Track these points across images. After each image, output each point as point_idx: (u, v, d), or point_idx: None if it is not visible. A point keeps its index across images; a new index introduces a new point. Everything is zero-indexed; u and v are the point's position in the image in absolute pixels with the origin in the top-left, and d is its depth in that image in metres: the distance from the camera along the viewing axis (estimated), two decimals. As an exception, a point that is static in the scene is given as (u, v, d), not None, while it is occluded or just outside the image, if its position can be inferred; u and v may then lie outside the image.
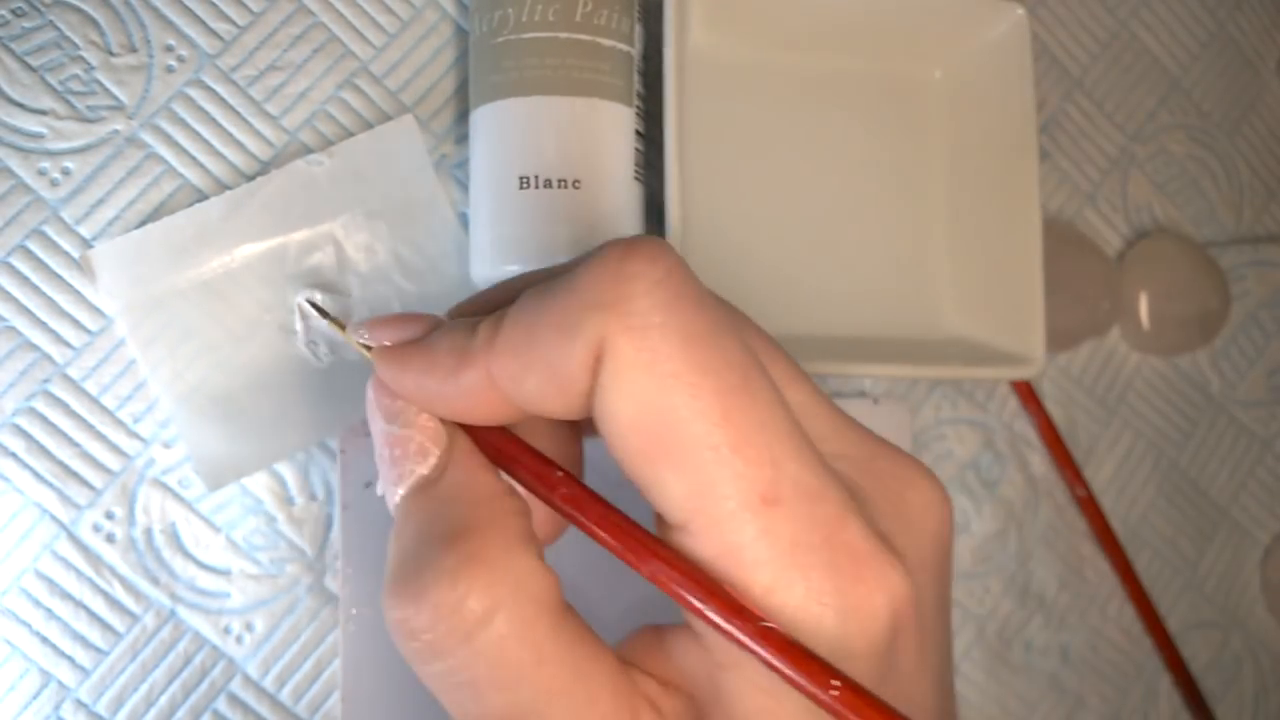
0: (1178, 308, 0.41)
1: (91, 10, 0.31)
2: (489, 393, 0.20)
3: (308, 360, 0.31)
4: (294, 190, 0.31)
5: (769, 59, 0.35)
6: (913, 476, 0.21)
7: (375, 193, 0.32)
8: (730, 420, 0.18)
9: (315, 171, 0.31)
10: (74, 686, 0.29)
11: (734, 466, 0.18)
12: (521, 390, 0.19)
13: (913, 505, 0.21)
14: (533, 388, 0.19)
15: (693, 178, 0.34)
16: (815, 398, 0.22)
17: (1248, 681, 0.42)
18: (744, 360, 0.18)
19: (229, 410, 0.30)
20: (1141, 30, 0.43)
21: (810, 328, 0.35)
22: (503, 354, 0.19)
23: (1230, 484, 0.43)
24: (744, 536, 0.18)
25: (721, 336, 0.18)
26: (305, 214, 0.31)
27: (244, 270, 0.31)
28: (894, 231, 0.37)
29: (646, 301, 0.18)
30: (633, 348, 0.18)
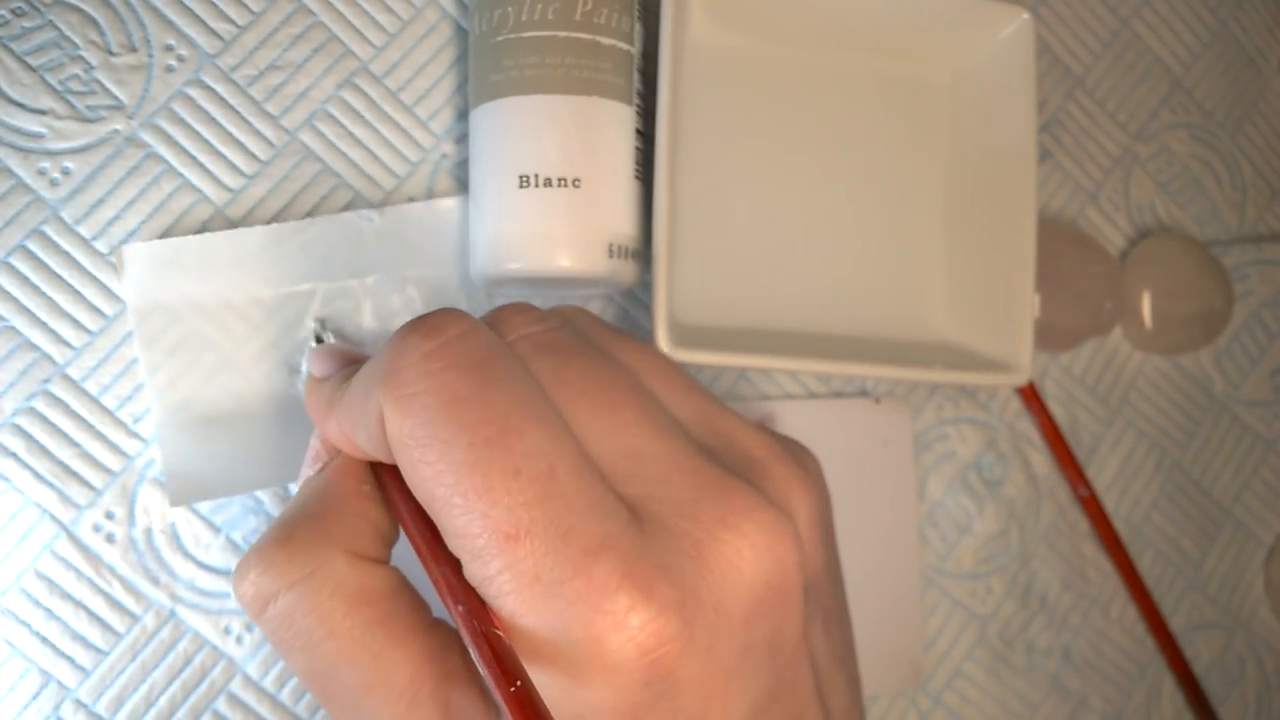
0: (1180, 307, 0.40)
1: (91, 10, 0.31)
2: (343, 437, 0.24)
3: (302, 401, 0.31)
4: (338, 239, 0.32)
5: (769, 57, 0.35)
6: (735, 521, 0.22)
7: (415, 261, 0.32)
8: (477, 469, 0.20)
9: (364, 226, 0.32)
10: (74, 686, 0.29)
11: (480, 510, 0.20)
12: (359, 442, 0.23)
13: (724, 550, 0.21)
14: (363, 443, 0.23)
15: (688, 175, 0.34)
16: (654, 442, 0.23)
17: (1251, 682, 0.42)
18: (507, 414, 0.21)
19: (213, 432, 0.30)
20: (1143, 29, 0.43)
21: (801, 325, 0.35)
22: (344, 411, 0.23)
23: (1234, 484, 0.42)
24: (491, 569, 0.20)
25: (490, 394, 0.21)
26: (343, 264, 0.32)
27: (270, 303, 0.31)
28: (889, 233, 0.37)
29: (411, 373, 0.21)
30: (397, 416, 0.21)
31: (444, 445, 0.20)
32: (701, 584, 0.21)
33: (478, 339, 0.22)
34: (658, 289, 0.30)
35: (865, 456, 0.37)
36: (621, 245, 0.31)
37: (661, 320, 0.30)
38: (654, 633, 0.20)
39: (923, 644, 0.37)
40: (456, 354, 0.21)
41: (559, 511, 0.20)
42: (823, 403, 0.37)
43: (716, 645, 0.21)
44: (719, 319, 0.34)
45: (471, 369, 0.21)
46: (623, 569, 0.20)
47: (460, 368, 0.21)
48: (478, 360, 0.21)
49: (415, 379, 0.21)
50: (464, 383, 0.21)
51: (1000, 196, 0.35)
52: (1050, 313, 0.38)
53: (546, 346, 0.24)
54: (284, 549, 0.22)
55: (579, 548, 0.20)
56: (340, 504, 0.24)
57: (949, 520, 0.38)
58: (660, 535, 0.21)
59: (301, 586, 0.22)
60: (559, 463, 0.21)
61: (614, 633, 0.20)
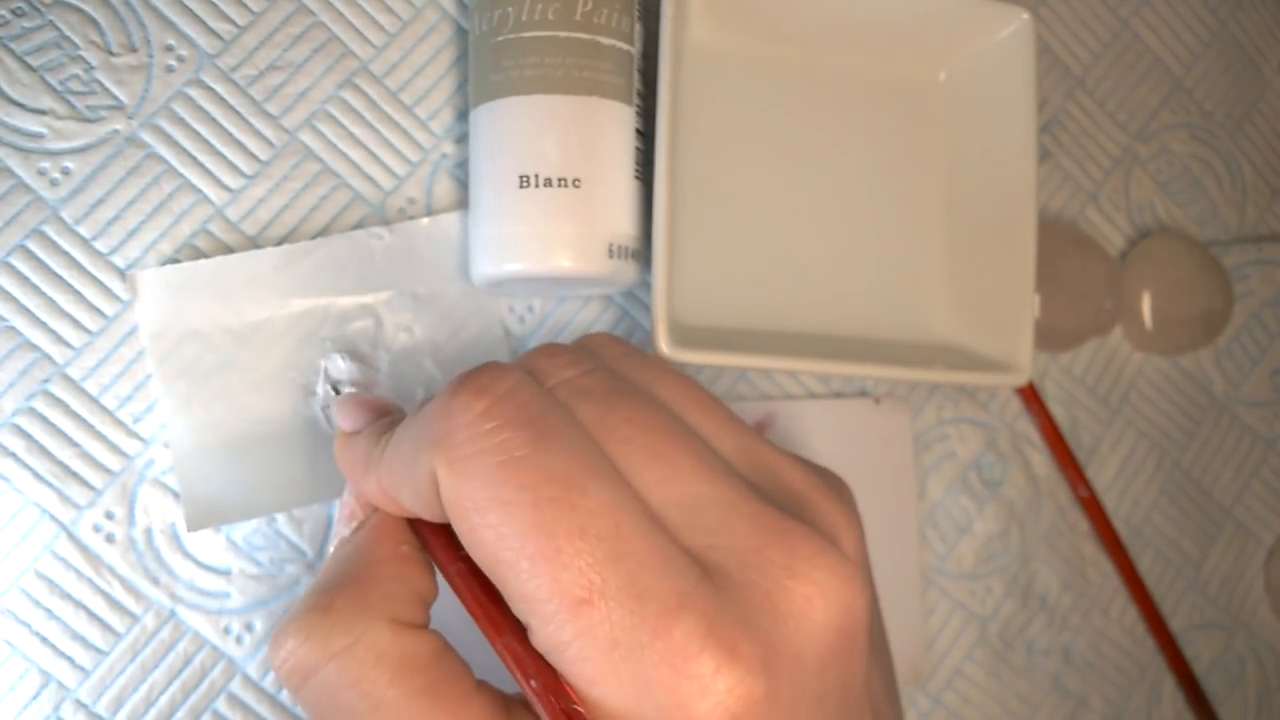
0: (1181, 307, 0.40)
1: (91, 10, 0.31)
2: (383, 495, 0.23)
3: (318, 424, 0.31)
4: (349, 258, 0.32)
5: (769, 57, 0.35)
6: (803, 569, 0.21)
7: (426, 277, 0.32)
8: (544, 531, 0.19)
9: (373, 244, 0.32)
10: (74, 686, 0.29)
11: (549, 574, 0.19)
12: (402, 501, 0.23)
13: (795, 599, 0.21)
14: (407, 502, 0.22)
15: (688, 175, 0.34)
16: (709, 489, 0.22)
17: (1251, 683, 0.42)
18: (568, 472, 0.20)
19: (230, 456, 0.30)
20: (1143, 29, 0.43)
21: (801, 325, 0.35)
22: (386, 470, 0.23)
23: (1234, 484, 0.42)
24: (564, 635, 0.19)
25: (547, 453, 0.20)
26: (355, 283, 0.32)
27: (282, 324, 0.31)
28: (889, 233, 0.37)
29: (464, 434, 0.20)
30: (453, 480, 0.20)
31: (505, 507, 0.20)
32: (778, 637, 0.20)
33: (526, 394, 0.21)
34: (657, 289, 0.30)
35: (865, 457, 0.37)
36: (621, 245, 0.31)
37: (661, 320, 0.30)
38: (742, 695, 0.19)
39: (923, 644, 0.37)
40: (509, 412, 0.21)
41: (631, 571, 0.20)
42: (823, 403, 0.37)
43: (797, 700, 0.20)
44: (719, 319, 0.34)
45: (525, 426, 0.20)
46: (704, 629, 0.19)
47: (514, 425, 0.20)
48: (530, 417, 0.21)
49: (469, 440, 0.20)
50: (519, 441, 0.20)
51: (1000, 197, 0.35)
52: (1050, 313, 0.38)
53: (587, 393, 0.23)
54: (324, 618, 0.21)
55: (656, 609, 0.19)
56: (379, 568, 0.23)
57: (949, 520, 0.38)
58: (731, 589, 0.20)
59: (344, 658, 0.21)
60: (624, 519, 0.20)
61: (700, 698, 0.19)
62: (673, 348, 0.30)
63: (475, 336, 0.33)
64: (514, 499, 0.20)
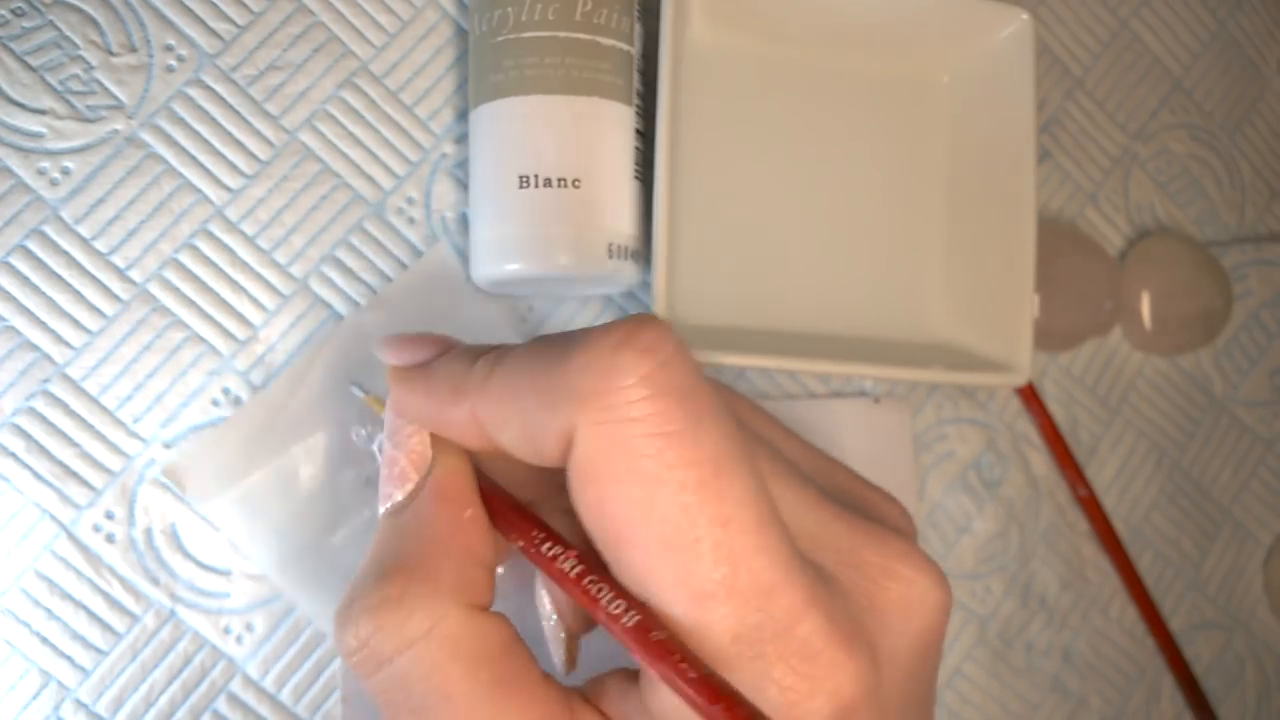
0: (1180, 307, 0.40)
1: (91, 10, 0.31)
2: (473, 429, 0.22)
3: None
4: (349, 348, 0.32)
5: (769, 57, 0.35)
6: (900, 568, 0.22)
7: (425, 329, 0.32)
8: (687, 516, 0.19)
9: (365, 324, 0.32)
10: (74, 686, 0.29)
11: (682, 561, 0.19)
12: (500, 436, 0.21)
13: (892, 598, 0.21)
14: (509, 439, 0.21)
15: (687, 175, 0.34)
16: (802, 492, 0.22)
17: (1250, 682, 0.42)
18: (717, 456, 0.19)
19: (340, 574, 0.31)
20: (1143, 30, 0.43)
21: (800, 325, 0.35)
22: (489, 401, 0.21)
23: (1233, 484, 0.42)
24: (687, 623, 0.19)
25: (701, 431, 0.19)
26: (363, 365, 0.32)
27: (319, 436, 0.31)
28: (889, 233, 0.37)
29: (620, 397, 0.19)
30: (597, 443, 0.19)
31: (650, 483, 0.19)
32: (882, 637, 0.21)
33: (687, 363, 0.20)
34: (657, 289, 0.30)
35: (864, 456, 0.37)
36: (621, 245, 0.31)
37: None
38: (852, 692, 0.19)
39: (922, 644, 0.37)
40: (672, 380, 0.19)
41: (764, 567, 0.19)
42: (822, 403, 0.37)
43: (892, 696, 0.21)
44: (718, 319, 0.34)
45: (684, 400, 0.19)
46: (827, 628, 0.19)
47: (674, 396, 0.19)
48: (689, 390, 0.19)
49: (625, 405, 0.19)
50: (677, 415, 0.19)
51: (999, 197, 0.35)
52: (1050, 313, 0.38)
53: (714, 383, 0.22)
54: (400, 607, 0.20)
55: (783, 606, 0.19)
56: (446, 542, 0.22)
57: (948, 520, 0.38)
58: (837, 589, 0.21)
59: (419, 648, 0.20)
60: (764, 512, 0.19)
61: (814, 695, 0.19)
62: (672, 348, 0.30)
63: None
64: (661, 476, 0.19)
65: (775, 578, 0.19)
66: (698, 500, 0.19)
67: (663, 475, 0.19)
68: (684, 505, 0.19)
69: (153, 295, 0.31)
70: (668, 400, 0.19)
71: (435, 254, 0.33)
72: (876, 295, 0.36)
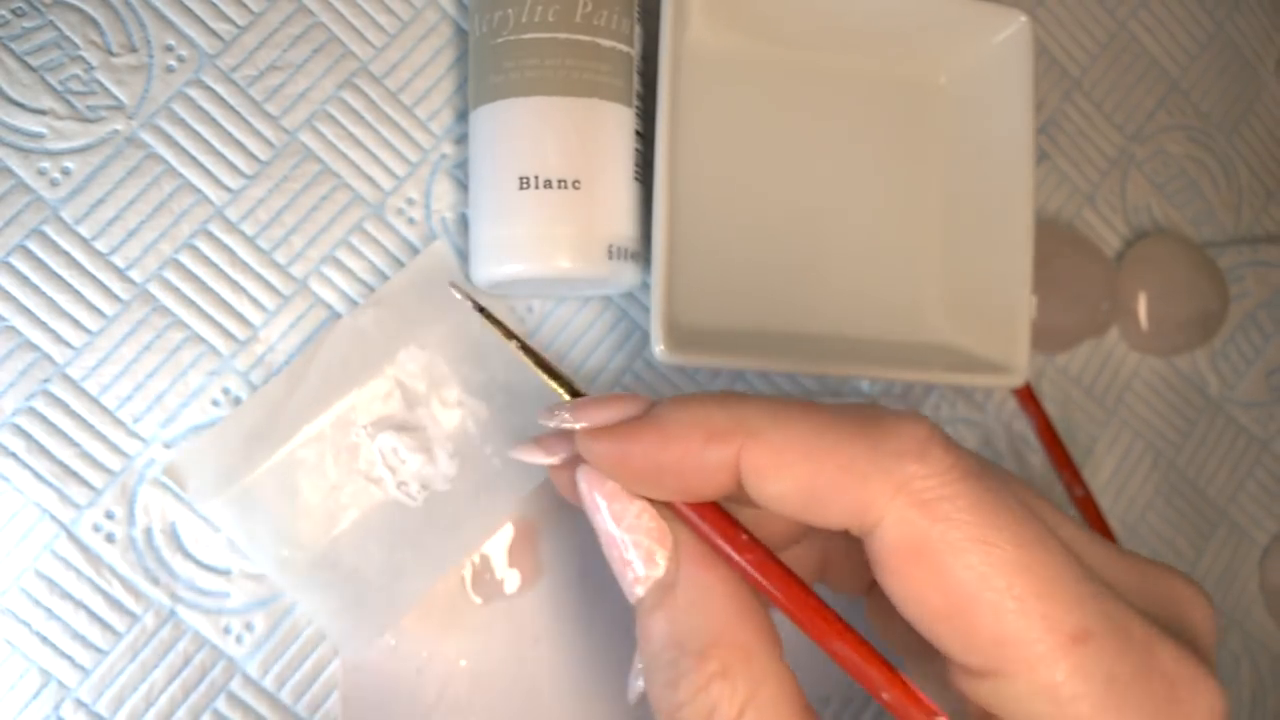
0: (1176, 308, 0.41)
1: (91, 10, 0.31)
2: (724, 473, 0.22)
3: (403, 503, 0.32)
4: (347, 348, 0.32)
5: (768, 59, 0.35)
6: (1184, 592, 0.23)
7: (423, 326, 0.32)
8: (1030, 570, 0.20)
9: (362, 322, 0.32)
10: (74, 686, 0.29)
11: (1040, 612, 0.20)
12: (765, 486, 0.22)
13: (1196, 620, 0.22)
14: (779, 490, 0.22)
15: (687, 177, 0.34)
16: (1081, 533, 0.23)
17: (1245, 681, 0.42)
18: (1029, 518, 0.21)
19: (341, 573, 0.31)
20: (1140, 31, 0.43)
21: (799, 327, 0.35)
22: (768, 448, 0.22)
23: (1229, 484, 0.43)
24: (1058, 675, 0.19)
25: (1006, 502, 0.21)
26: (363, 366, 0.32)
27: (319, 437, 0.31)
28: (887, 235, 0.37)
29: (938, 480, 0.20)
30: (924, 520, 0.20)
31: (986, 547, 0.20)
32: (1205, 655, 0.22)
33: (972, 454, 0.22)
34: (656, 291, 0.31)
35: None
36: (621, 247, 0.31)
37: (660, 322, 0.30)
38: (1219, 709, 0.20)
39: (919, 643, 0.37)
40: (973, 466, 0.21)
41: (1110, 608, 0.20)
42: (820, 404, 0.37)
43: None
44: (717, 321, 0.34)
45: (985, 479, 0.21)
46: (1177, 656, 0.20)
47: (979, 477, 0.21)
48: (985, 472, 0.21)
49: (945, 484, 0.20)
50: (986, 490, 0.20)
51: (997, 198, 0.36)
52: (1047, 314, 0.39)
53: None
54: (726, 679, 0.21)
55: (1140, 641, 0.20)
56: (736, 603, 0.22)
57: (946, 520, 0.38)
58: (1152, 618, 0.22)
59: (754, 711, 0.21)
60: (1079, 562, 0.21)
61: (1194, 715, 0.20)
62: (671, 349, 0.31)
63: (496, 359, 0.33)
64: (994, 540, 0.20)
65: (1120, 615, 0.20)
66: (1036, 558, 0.20)
67: (994, 539, 0.20)
68: (1026, 563, 0.20)
69: (153, 295, 0.31)
70: (975, 480, 0.20)
71: (432, 252, 0.33)
72: (874, 296, 0.36)
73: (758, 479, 0.22)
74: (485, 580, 0.33)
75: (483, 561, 0.33)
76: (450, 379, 0.33)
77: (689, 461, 0.22)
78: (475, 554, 0.33)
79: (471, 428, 0.33)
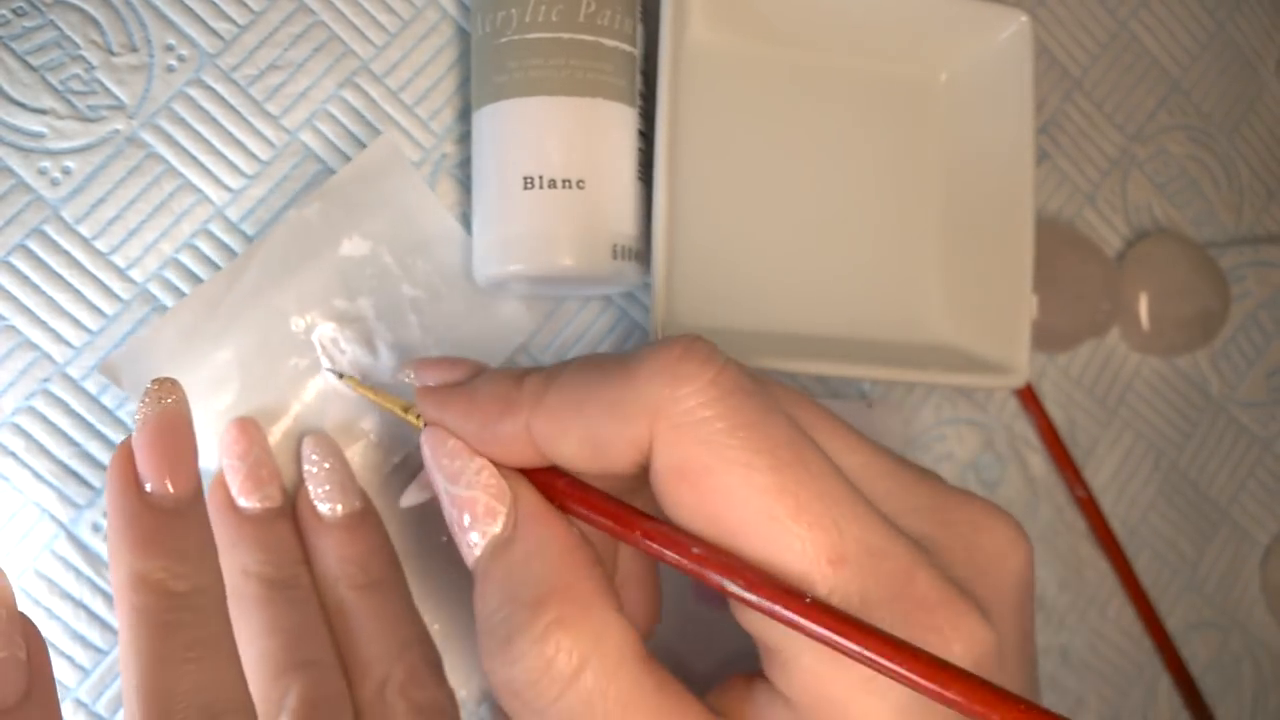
0: (1177, 308, 0.41)
1: (92, 10, 0.31)
2: (522, 442, 0.22)
3: (343, 394, 0.31)
4: (290, 240, 0.31)
5: (769, 59, 0.35)
6: (985, 521, 0.22)
7: (368, 217, 0.32)
8: (787, 492, 0.20)
9: (306, 214, 0.31)
10: (74, 686, 0.29)
11: (796, 533, 0.19)
12: (557, 448, 0.22)
13: (987, 549, 0.22)
14: (567, 450, 0.22)
15: (688, 177, 0.34)
16: (877, 458, 0.23)
17: (1247, 682, 0.42)
18: (794, 438, 0.20)
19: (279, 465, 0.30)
20: (1141, 31, 0.43)
21: (799, 327, 0.35)
22: (547, 413, 0.22)
23: (1230, 484, 0.43)
24: (817, 592, 0.19)
25: (770, 420, 0.20)
26: (304, 257, 0.31)
27: (259, 330, 0.30)
28: (887, 235, 0.37)
29: (694, 400, 0.20)
30: (680, 443, 0.20)
31: (745, 470, 0.20)
32: (984, 589, 0.21)
33: (741, 367, 0.21)
34: (656, 290, 0.31)
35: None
36: (625, 246, 0.31)
37: (660, 322, 0.30)
38: (977, 644, 0.20)
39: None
40: (734, 381, 0.20)
41: (865, 531, 0.20)
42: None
43: (1007, 646, 0.21)
44: (717, 320, 0.34)
45: (750, 395, 0.20)
46: (939, 582, 0.20)
47: (743, 393, 0.20)
48: (750, 388, 0.21)
49: (701, 405, 0.20)
50: (751, 408, 0.20)
51: (998, 198, 0.36)
52: (1048, 314, 0.39)
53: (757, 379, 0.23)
54: (566, 628, 0.20)
55: (891, 567, 0.20)
56: (574, 557, 0.22)
57: (947, 520, 0.38)
58: (935, 548, 0.21)
59: (594, 663, 0.20)
60: (844, 484, 0.20)
61: (951, 644, 0.20)
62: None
63: (442, 252, 0.32)
64: (752, 461, 0.20)
65: (879, 541, 0.20)
66: (793, 477, 0.20)
67: (752, 460, 0.20)
68: (781, 484, 0.20)
69: (153, 295, 0.31)
70: (737, 397, 0.20)
71: (382, 144, 0.32)
72: (875, 296, 0.36)
73: (547, 444, 0.22)
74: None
75: None
76: (394, 269, 0.32)
77: (488, 432, 0.23)
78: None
79: (414, 319, 0.32)
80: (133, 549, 0.23)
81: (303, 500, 0.29)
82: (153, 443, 0.24)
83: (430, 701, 0.27)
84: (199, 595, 0.23)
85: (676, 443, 0.20)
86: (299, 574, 0.28)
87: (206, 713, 0.22)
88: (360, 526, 0.29)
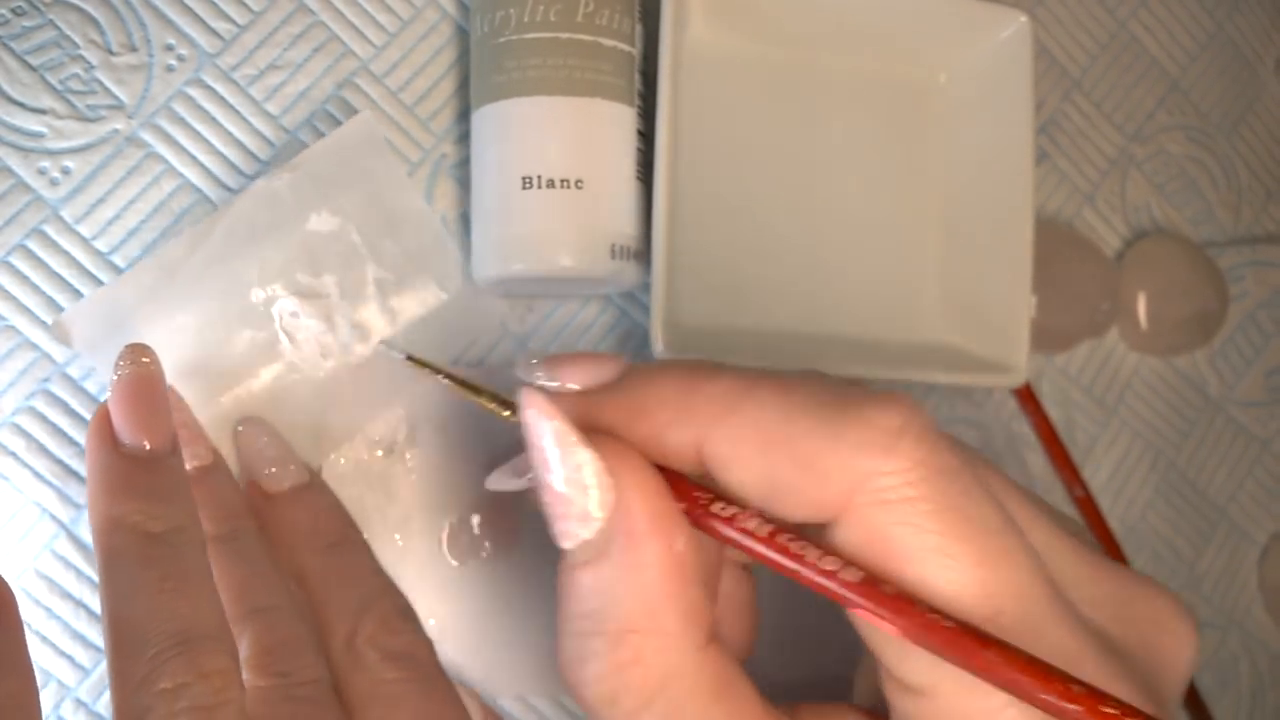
0: (1176, 308, 0.41)
1: (91, 9, 0.31)
2: (686, 455, 0.21)
3: (300, 369, 0.31)
4: (257, 210, 0.30)
5: (768, 59, 0.35)
6: (1166, 619, 0.22)
7: (338, 193, 0.31)
8: (990, 597, 0.19)
9: (276, 186, 0.30)
10: (74, 686, 0.29)
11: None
12: (726, 473, 0.21)
13: (1166, 651, 0.22)
14: (737, 478, 0.21)
15: (687, 177, 0.34)
16: (1058, 537, 0.22)
17: (1245, 681, 0.42)
18: (1002, 525, 0.20)
19: (228, 437, 0.30)
20: (1140, 31, 0.43)
21: (798, 326, 0.35)
22: (730, 438, 0.21)
23: (1228, 484, 0.43)
24: (995, 702, 0.19)
25: (976, 503, 0.20)
26: (270, 228, 0.30)
27: (219, 297, 0.30)
28: (886, 234, 0.37)
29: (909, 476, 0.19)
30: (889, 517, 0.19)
31: (946, 561, 0.19)
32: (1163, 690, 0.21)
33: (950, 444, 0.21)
34: (656, 291, 0.31)
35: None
36: (624, 246, 0.31)
37: (659, 322, 0.30)
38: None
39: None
40: (941, 461, 0.20)
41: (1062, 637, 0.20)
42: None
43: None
44: (716, 320, 0.34)
45: (955, 474, 0.20)
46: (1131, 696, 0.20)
47: (947, 476, 0.20)
48: (955, 469, 0.20)
49: (908, 483, 0.19)
50: (954, 488, 0.20)
51: (997, 198, 0.36)
52: (1046, 314, 0.39)
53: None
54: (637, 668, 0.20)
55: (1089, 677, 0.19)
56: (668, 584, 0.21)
57: (946, 520, 0.38)
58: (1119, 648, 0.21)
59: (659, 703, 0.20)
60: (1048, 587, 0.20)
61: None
62: (671, 349, 0.31)
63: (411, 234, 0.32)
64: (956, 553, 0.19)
65: (1074, 646, 0.20)
66: (994, 579, 0.19)
67: (949, 549, 0.19)
68: (982, 582, 0.19)
69: (153, 295, 0.31)
70: (941, 481, 0.20)
71: (359, 121, 0.31)
72: (874, 296, 0.36)
73: (717, 467, 0.21)
74: (461, 542, 0.32)
75: (460, 523, 0.32)
76: (361, 248, 0.31)
77: (653, 443, 0.21)
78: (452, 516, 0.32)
79: (377, 298, 0.31)
80: (109, 494, 0.23)
81: (248, 480, 0.29)
82: (129, 401, 0.24)
83: (403, 647, 0.27)
84: (175, 534, 0.24)
85: (876, 519, 0.19)
86: (239, 527, 0.27)
87: (181, 638, 0.22)
88: (306, 494, 0.29)
